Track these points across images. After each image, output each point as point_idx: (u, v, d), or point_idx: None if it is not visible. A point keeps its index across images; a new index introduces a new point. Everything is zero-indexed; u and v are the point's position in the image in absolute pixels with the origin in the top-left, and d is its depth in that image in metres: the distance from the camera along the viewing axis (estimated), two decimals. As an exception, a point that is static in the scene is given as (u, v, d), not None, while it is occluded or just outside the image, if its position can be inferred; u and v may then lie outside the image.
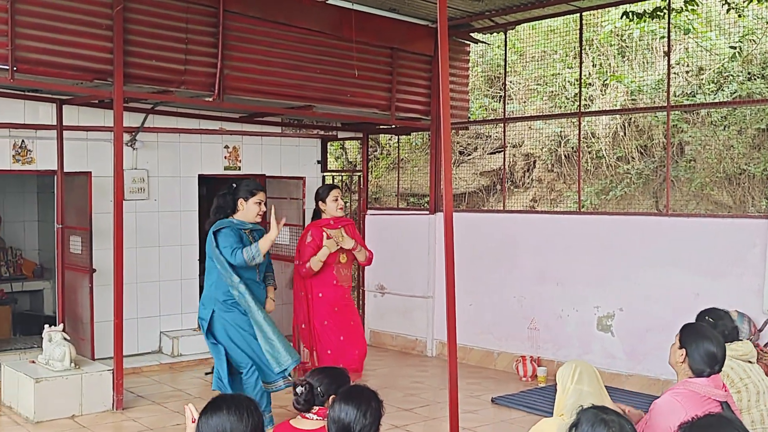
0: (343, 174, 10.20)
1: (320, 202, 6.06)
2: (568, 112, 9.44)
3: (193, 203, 8.33)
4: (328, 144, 9.80)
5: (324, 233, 5.97)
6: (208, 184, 9.76)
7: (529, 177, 10.21)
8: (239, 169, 8.68)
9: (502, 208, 8.55)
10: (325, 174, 9.60)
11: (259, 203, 5.29)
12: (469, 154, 10.72)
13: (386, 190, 10.80)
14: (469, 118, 9.45)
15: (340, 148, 11.66)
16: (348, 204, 10.37)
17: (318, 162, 9.43)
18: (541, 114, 9.74)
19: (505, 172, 8.61)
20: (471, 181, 10.46)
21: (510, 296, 7.91)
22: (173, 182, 8.19)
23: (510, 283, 7.92)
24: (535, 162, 10.22)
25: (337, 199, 6.02)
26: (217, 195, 5.42)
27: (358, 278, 9.36)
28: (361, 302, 9.26)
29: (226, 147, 8.60)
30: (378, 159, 11.59)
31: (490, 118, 10.25)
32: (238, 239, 5.19)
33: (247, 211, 5.27)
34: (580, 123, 7.84)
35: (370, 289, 9.12)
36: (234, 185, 5.35)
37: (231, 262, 5.14)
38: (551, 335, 7.59)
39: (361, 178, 9.38)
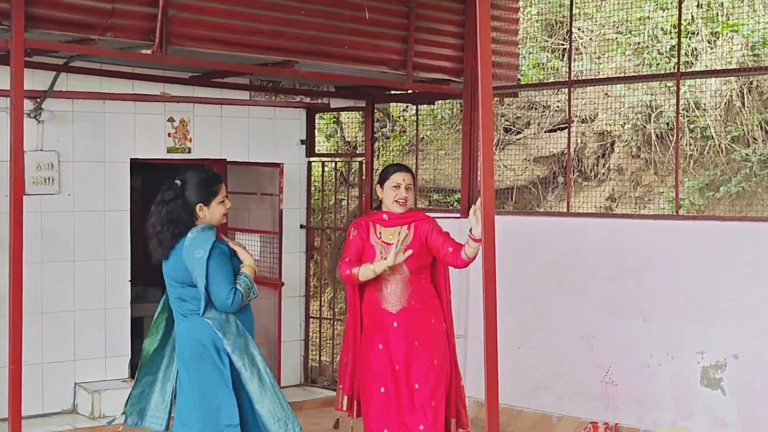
0: (337, 159, 10.20)
1: (377, 187, 6.11)
2: (662, 72, 9.40)
3: (124, 200, 8.34)
4: (317, 116, 9.79)
5: (372, 228, 5.98)
6: (145, 172, 9.74)
7: (604, 165, 10.18)
8: (189, 152, 8.70)
9: (565, 210, 8.52)
10: (312, 159, 9.59)
11: (224, 201, 5.37)
12: (519, 132, 10.69)
13: (399, 182, 10.80)
14: (520, 81, 9.42)
15: (334, 122, 11.64)
16: (345, 201, 10.35)
17: (302, 142, 9.43)
18: (621, 75, 9.70)
19: (570, 157, 8.57)
20: (521, 171, 10.43)
21: (576, 336, 7.91)
22: (95, 170, 8.21)
23: (576, 317, 7.90)
24: (613, 144, 10.19)
25: (398, 186, 5.97)
26: (158, 203, 5.33)
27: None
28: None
29: (171, 120, 8.61)
30: (388, 138, 11.55)
31: (549, 81, 10.22)
32: (231, 267, 5.31)
33: (212, 215, 5.31)
34: (678, 88, 7.81)
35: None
36: (179, 183, 5.32)
37: (220, 308, 5.23)
38: (635, 393, 7.57)
39: (364, 166, 9.38)
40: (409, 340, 5.97)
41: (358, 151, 10.70)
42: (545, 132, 10.48)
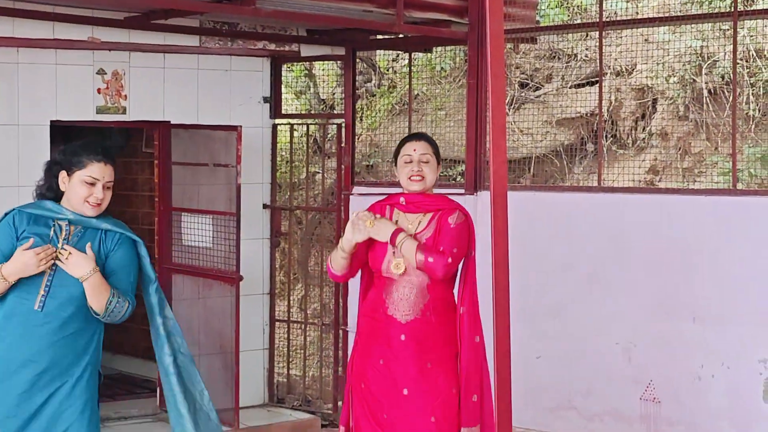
0: (310, 122, 10.18)
1: (394, 165, 6.06)
2: (715, 12, 9.40)
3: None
4: (284, 68, 9.78)
5: (388, 215, 5.87)
6: (69, 138, 9.72)
7: (644, 129, 10.20)
8: (124, 112, 8.67)
9: (596, 185, 8.54)
10: (278, 121, 9.58)
11: (91, 183, 5.33)
12: (538, 88, 10.69)
13: (388, 151, 10.79)
14: (539, 23, 9.41)
15: (305, 75, 11.62)
16: (320, 175, 10.33)
17: (264, 100, 9.44)
18: (665, 15, 9.68)
19: (602, 119, 8.57)
20: (541, 137, 10.45)
21: (610, 342, 7.93)
22: (6, 135, 8.20)
23: (610, 319, 7.93)
24: (655, 102, 10.19)
25: (410, 161, 5.87)
26: (46, 161, 5.54)
27: (336, 309, 9.36)
28: (341, 353, 9.27)
29: (102, 73, 8.59)
30: (373, 96, 11.55)
31: (575, 23, 10.21)
32: (7, 242, 5.31)
33: (69, 192, 5.36)
34: (735, 32, 7.81)
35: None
36: (63, 147, 5.43)
37: None
38: (683, 412, 7.60)
39: (343, 130, 9.39)
40: (420, 359, 5.84)
41: (335, 112, 10.68)
42: (571, 88, 10.49)
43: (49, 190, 5.37)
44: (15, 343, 5.27)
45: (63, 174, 5.30)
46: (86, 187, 5.27)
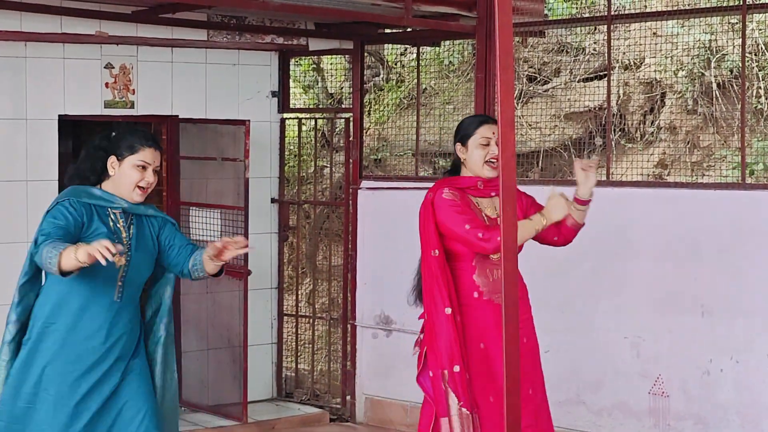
0: (318, 116, 10.15)
1: (458, 146, 5.96)
2: (724, 5, 9.37)
3: (51, 167, 8.35)
4: (292, 62, 9.78)
5: (469, 198, 5.84)
6: (77, 133, 9.71)
7: (653, 123, 10.17)
8: (132, 107, 8.70)
9: (604, 179, 8.52)
10: (286, 115, 9.59)
11: (143, 167, 5.40)
12: (547, 82, 10.66)
13: (396, 144, 10.76)
14: (547, 16, 9.37)
15: (314, 69, 11.60)
16: (328, 169, 10.33)
17: (273, 94, 9.45)
18: (673, 8, 9.66)
19: (610, 113, 8.55)
20: (549, 130, 10.42)
21: (618, 336, 7.92)
22: (15, 130, 8.20)
23: (618, 313, 7.91)
24: (663, 96, 10.16)
25: (488, 144, 5.87)
26: (86, 145, 5.53)
27: (344, 303, 9.35)
28: (349, 348, 9.26)
29: (110, 67, 8.59)
30: (381, 90, 11.52)
31: (583, 17, 10.18)
32: (72, 223, 5.23)
33: (120, 177, 5.42)
34: (744, 25, 7.78)
35: (365, 324, 9.08)
36: (114, 133, 5.49)
37: (35, 259, 5.25)
38: (691, 405, 7.59)
39: (352, 124, 9.38)
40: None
41: (344, 106, 10.66)
42: (579, 81, 10.46)
43: (93, 173, 5.41)
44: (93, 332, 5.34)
45: (113, 159, 5.38)
46: (138, 172, 5.37)
